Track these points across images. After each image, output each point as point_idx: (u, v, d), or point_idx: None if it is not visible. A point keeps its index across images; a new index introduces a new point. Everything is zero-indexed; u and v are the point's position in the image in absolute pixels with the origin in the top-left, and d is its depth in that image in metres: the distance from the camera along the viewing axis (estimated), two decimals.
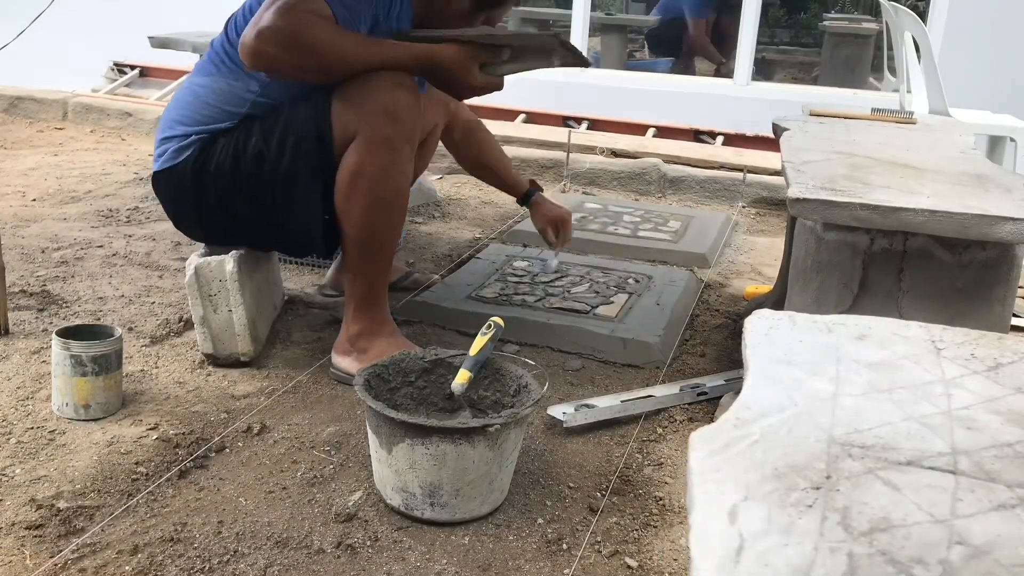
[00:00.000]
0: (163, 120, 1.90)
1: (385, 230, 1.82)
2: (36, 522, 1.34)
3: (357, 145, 1.74)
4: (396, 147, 1.75)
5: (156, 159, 1.89)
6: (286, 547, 1.32)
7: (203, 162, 1.82)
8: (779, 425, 0.79)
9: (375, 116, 1.72)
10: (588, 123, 4.39)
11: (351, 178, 1.75)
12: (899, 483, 0.70)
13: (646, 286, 2.40)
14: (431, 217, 3.16)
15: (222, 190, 1.82)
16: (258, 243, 1.97)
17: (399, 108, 1.73)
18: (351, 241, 1.81)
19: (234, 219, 1.86)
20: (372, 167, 1.74)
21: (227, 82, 1.82)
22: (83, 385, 1.63)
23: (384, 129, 1.73)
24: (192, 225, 1.96)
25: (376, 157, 1.74)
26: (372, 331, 1.85)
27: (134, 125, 4.37)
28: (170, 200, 1.92)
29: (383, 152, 1.74)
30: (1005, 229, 1.36)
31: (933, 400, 0.86)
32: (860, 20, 6.49)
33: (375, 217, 1.79)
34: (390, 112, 1.72)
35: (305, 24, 1.64)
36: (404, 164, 1.79)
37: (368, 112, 1.72)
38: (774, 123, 2.18)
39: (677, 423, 1.76)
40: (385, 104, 1.72)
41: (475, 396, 1.58)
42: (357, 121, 1.73)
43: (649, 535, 1.40)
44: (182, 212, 1.92)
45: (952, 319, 1.44)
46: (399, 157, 1.77)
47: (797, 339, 0.98)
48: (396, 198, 1.81)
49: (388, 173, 1.76)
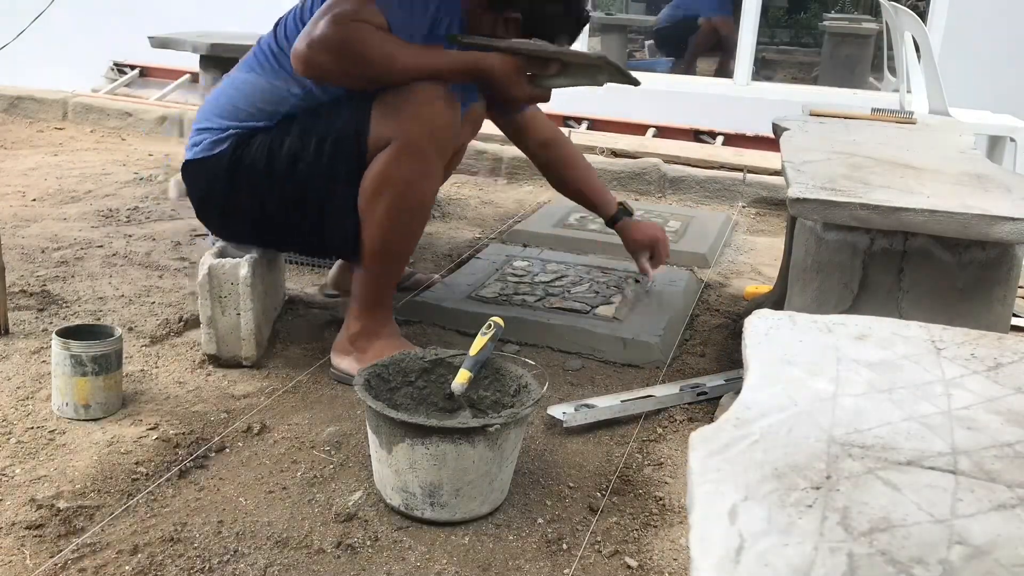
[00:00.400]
0: (202, 111, 1.90)
1: (404, 238, 1.84)
2: (36, 522, 1.34)
3: (389, 151, 1.74)
4: (427, 158, 1.76)
5: (189, 148, 1.90)
6: (286, 547, 1.32)
7: (239, 157, 1.82)
8: (779, 425, 0.79)
9: (411, 125, 1.72)
10: (588, 123, 4.39)
11: (378, 183, 1.76)
12: (899, 483, 0.70)
13: (646, 286, 2.40)
14: (431, 217, 3.16)
15: (255, 187, 1.83)
16: (280, 243, 1.98)
17: (436, 120, 1.74)
18: (369, 244, 1.81)
19: (263, 216, 1.86)
20: (400, 174, 1.75)
21: (270, 82, 1.82)
22: (83, 385, 1.63)
23: (418, 139, 1.73)
24: (215, 218, 1.96)
25: (405, 165, 1.74)
26: (373, 332, 1.85)
27: (134, 125, 4.37)
28: (199, 190, 1.92)
29: (413, 161, 1.75)
30: (1005, 229, 1.36)
31: (933, 400, 0.86)
32: (860, 20, 6.49)
33: (396, 224, 1.79)
34: (426, 123, 1.73)
35: (358, 33, 1.66)
36: (432, 175, 1.80)
37: (405, 120, 1.72)
38: (774, 123, 2.18)
39: (677, 423, 1.76)
40: (422, 114, 1.72)
41: (475, 396, 1.58)
42: (393, 128, 1.73)
43: (649, 535, 1.40)
44: (209, 204, 1.92)
45: (952, 319, 1.44)
46: (428, 168, 1.77)
47: (797, 339, 0.98)
48: (420, 208, 1.82)
49: (414, 183, 1.76)
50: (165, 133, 4.27)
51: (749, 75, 4.49)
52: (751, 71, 4.50)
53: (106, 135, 4.31)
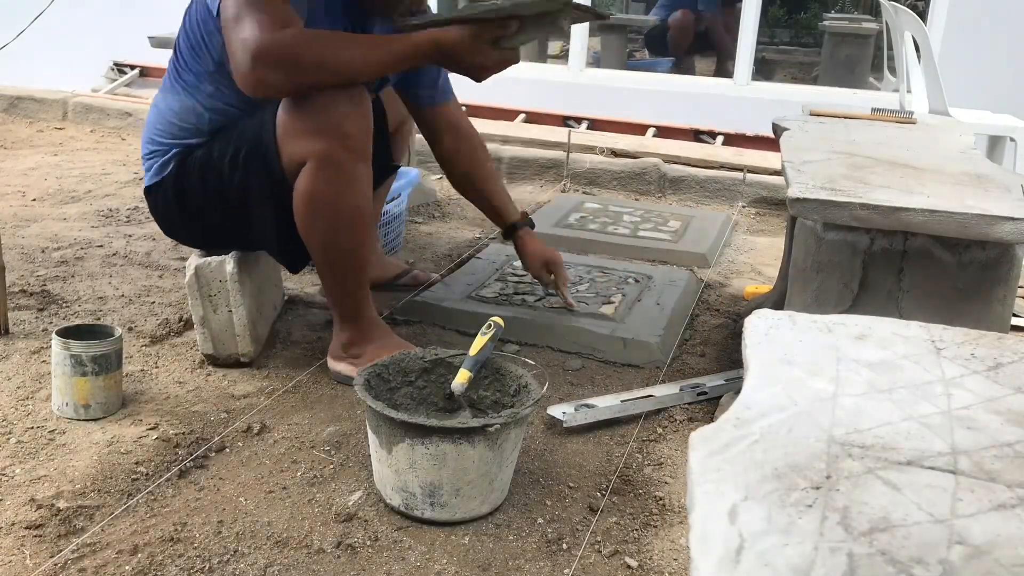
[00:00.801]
0: (144, 136, 1.91)
1: (350, 249, 1.77)
2: (36, 522, 1.34)
3: (308, 169, 1.67)
4: (348, 168, 1.68)
5: (146, 174, 1.91)
6: (286, 547, 1.32)
7: (182, 175, 1.83)
8: (779, 425, 0.79)
9: (322, 138, 1.64)
10: (588, 123, 4.38)
11: (306, 204, 1.70)
12: (899, 483, 0.70)
13: (646, 286, 2.40)
14: (431, 217, 3.16)
15: (198, 201, 1.84)
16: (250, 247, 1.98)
17: (346, 125, 1.65)
18: (318, 262, 1.79)
19: (219, 227, 1.86)
20: (326, 191, 1.68)
21: (181, 102, 1.81)
22: (83, 385, 1.63)
23: (333, 152, 1.65)
24: (183, 235, 1.98)
25: (329, 181, 1.67)
26: (362, 339, 1.85)
27: (134, 125, 4.37)
28: (159, 214, 1.94)
29: (335, 175, 1.67)
30: (1005, 229, 1.36)
31: (933, 400, 0.86)
32: (860, 20, 6.49)
33: (337, 238, 1.74)
34: (336, 131, 1.64)
35: (300, 39, 1.58)
36: (359, 182, 1.71)
37: (315, 134, 1.64)
38: (774, 123, 2.18)
39: (677, 423, 1.76)
40: (331, 123, 1.64)
41: (475, 396, 1.58)
42: (304, 146, 1.66)
43: (649, 535, 1.40)
44: (173, 223, 1.94)
45: (952, 319, 1.44)
46: (353, 177, 1.70)
47: (797, 339, 0.98)
48: (356, 216, 1.74)
49: (343, 195, 1.69)
50: None
51: (749, 75, 4.49)
52: (751, 71, 4.50)
53: (106, 135, 4.31)
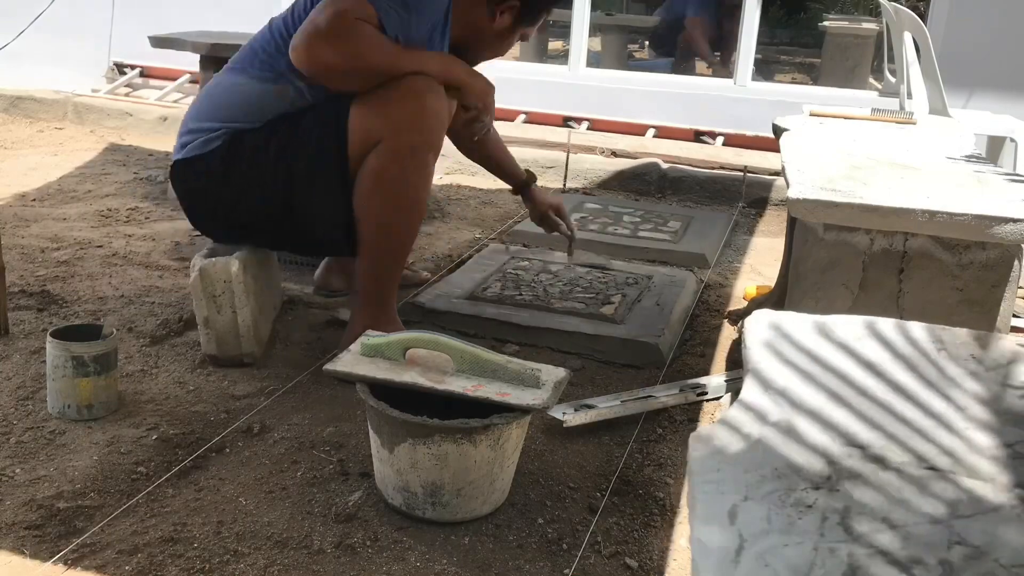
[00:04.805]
0: (190, 113, 1.90)
1: (402, 234, 1.85)
2: (36, 522, 1.34)
3: (380, 150, 1.75)
4: (420, 155, 1.77)
5: (179, 149, 1.88)
6: (286, 547, 1.32)
7: (232, 155, 1.82)
8: (779, 426, 0.79)
9: (401, 123, 1.73)
10: (588, 123, 4.38)
11: (372, 181, 1.76)
12: (899, 483, 0.70)
13: (646, 286, 2.40)
14: (431, 217, 3.16)
15: (247, 184, 1.83)
16: (275, 242, 1.98)
17: (426, 115, 1.74)
18: (366, 241, 1.82)
19: (255, 215, 1.86)
20: (394, 172, 1.76)
21: (260, 85, 1.82)
22: (86, 386, 1.63)
23: (409, 137, 1.74)
24: (207, 218, 1.95)
25: (399, 164, 1.75)
26: (378, 327, 1.85)
27: (134, 125, 4.37)
28: (189, 190, 1.91)
29: (407, 159, 1.76)
30: (1005, 229, 1.36)
31: (933, 401, 0.86)
32: (860, 20, 6.49)
33: (393, 220, 1.80)
34: (416, 119, 1.73)
35: (362, 29, 1.68)
36: (426, 171, 1.81)
37: (394, 119, 1.73)
38: (774, 123, 2.19)
39: (677, 423, 1.76)
40: (412, 111, 1.73)
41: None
42: (382, 127, 1.74)
43: (649, 535, 1.40)
44: (201, 202, 1.91)
45: (952, 320, 1.44)
46: (422, 164, 1.78)
47: (797, 340, 0.98)
48: (416, 204, 1.82)
49: (409, 180, 1.77)
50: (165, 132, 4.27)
51: (749, 75, 4.49)
52: (751, 71, 4.50)
53: (106, 135, 4.31)
